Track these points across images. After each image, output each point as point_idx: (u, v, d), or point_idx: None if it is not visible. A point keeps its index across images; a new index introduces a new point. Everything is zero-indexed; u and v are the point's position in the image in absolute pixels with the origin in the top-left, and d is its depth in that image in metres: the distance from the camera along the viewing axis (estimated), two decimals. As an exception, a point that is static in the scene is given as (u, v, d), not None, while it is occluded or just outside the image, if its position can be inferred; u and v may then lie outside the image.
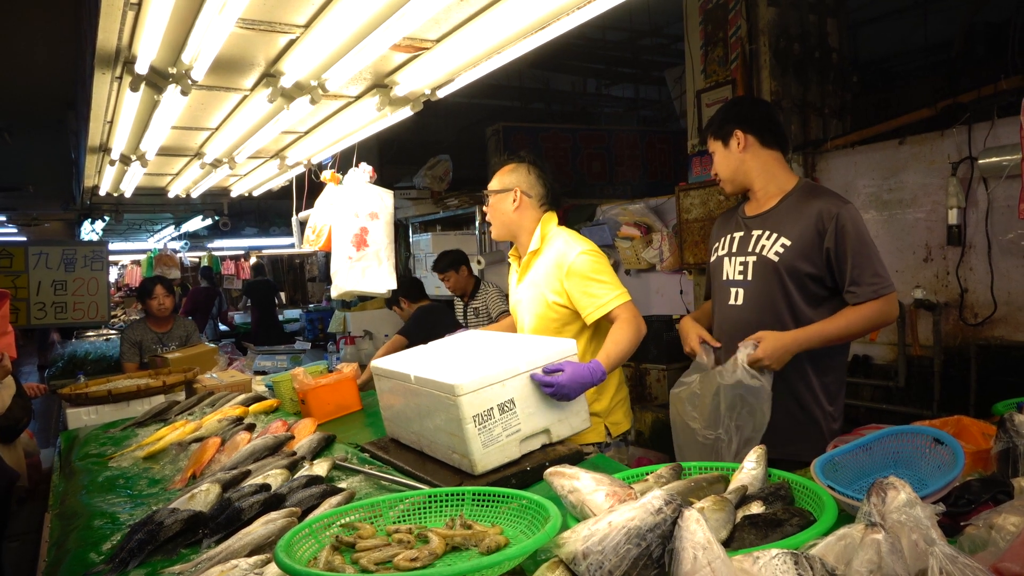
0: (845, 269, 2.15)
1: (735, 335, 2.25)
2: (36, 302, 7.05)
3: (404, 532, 1.48)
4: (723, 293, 2.40)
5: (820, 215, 2.18)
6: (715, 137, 2.38)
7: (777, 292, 2.24)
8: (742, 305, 2.32)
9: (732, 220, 2.47)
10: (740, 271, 2.34)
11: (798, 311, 2.22)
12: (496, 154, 8.36)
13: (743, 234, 2.36)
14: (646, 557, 1.17)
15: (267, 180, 5.31)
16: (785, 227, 2.25)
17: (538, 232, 2.65)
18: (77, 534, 1.96)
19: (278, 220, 13.19)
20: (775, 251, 2.24)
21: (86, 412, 3.52)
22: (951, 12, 5.95)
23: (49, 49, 5.18)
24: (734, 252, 2.37)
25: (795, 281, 2.21)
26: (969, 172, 3.70)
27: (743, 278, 2.33)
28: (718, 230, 2.53)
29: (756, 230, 2.32)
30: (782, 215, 2.28)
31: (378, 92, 3.07)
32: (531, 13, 2.23)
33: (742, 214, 2.42)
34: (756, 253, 2.29)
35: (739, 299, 2.33)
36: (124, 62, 2.54)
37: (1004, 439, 1.61)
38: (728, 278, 2.38)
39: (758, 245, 2.29)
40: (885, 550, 1.10)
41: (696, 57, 4.87)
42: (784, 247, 2.23)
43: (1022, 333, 3.59)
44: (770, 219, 2.30)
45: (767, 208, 2.33)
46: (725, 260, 2.40)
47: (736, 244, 2.38)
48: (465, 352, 2.27)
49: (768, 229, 2.29)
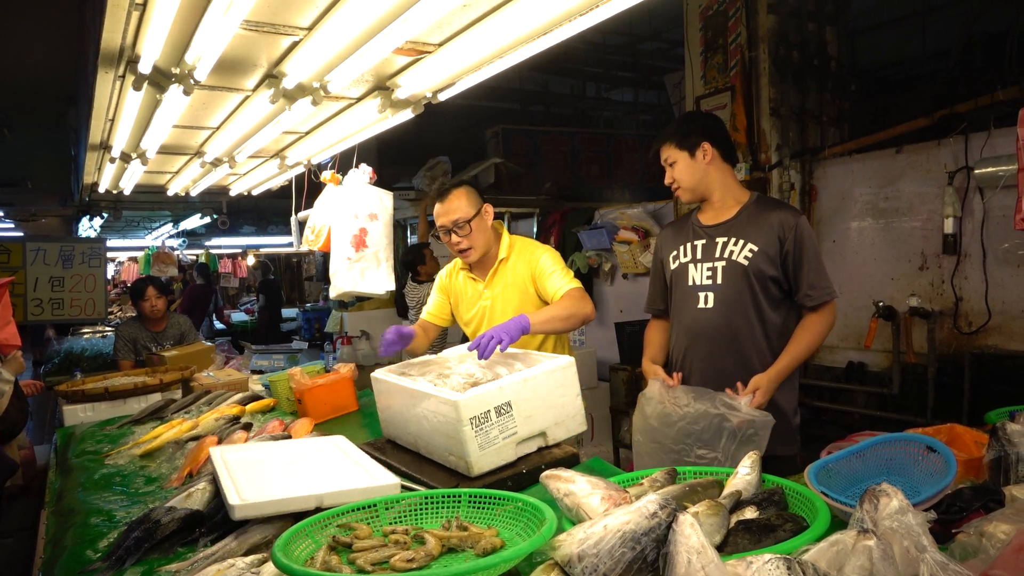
0: (801, 274, 2.36)
1: (705, 336, 2.46)
2: (33, 298, 7.04)
3: (400, 533, 1.49)
4: (689, 298, 2.51)
5: (781, 224, 2.37)
6: (680, 147, 2.47)
7: (746, 294, 2.39)
8: (712, 308, 2.44)
9: (685, 230, 2.59)
10: (708, 276, 2.46)
11: (763, 311, 2.40)
12: (495, 156, 8.38)
13: (705, 242, 2.49)
14: (641, 561, 1.18)
15: (267, 180, 5.32)
16: (750, 234, 2.41)
17: (505, 241, 2.86)
18: (74, 531, 1.96)
19: (276, 219, 13.18)
20: (744, 255, 2.39)
21: (82, 409, 3.52)
22: (949, 22, 5.97)
23: (49, 45, 5.18)
24: (699, 258, 2.49)
25: (760, 284, 2.38)
26: (965, 182, 3.72)
27: (712, 282, 2.45)
28: (669, 241, 2.63)
29: (720, 237, 2.46)
30: (744, 224, 2.44)
31: (379, 94, 3.08)
32: (533, 19, 2.25)
33: (697, 223, 2.55)
34: (725, 258, 2.43)
35: (709, 302, 2.45)
36: (127, 61, 2.55)
37: (996, 448, 1.63)
38: (695, 283, 2.49)
39: (726, 251, 2.43)
40: (877, 556, 1.11)
41: (696, 63, 4.89)
42: (752, 252, 2.39)
43: (1016, 342, 3.61)
44: (733, 227, 2.45)
45: (727, 218, 2.48)
46: (691, 266, 2.51)
47: (700, 251, 2.50)
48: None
49: (734, 236, 2.43)
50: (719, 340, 2.43)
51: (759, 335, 2.40)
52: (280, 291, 11.41)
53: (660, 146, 2.53)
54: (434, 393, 1.99)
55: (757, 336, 2.40)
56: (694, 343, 2.49)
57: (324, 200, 3.84)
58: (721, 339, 2.42)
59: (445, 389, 1.99)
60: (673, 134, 2.49)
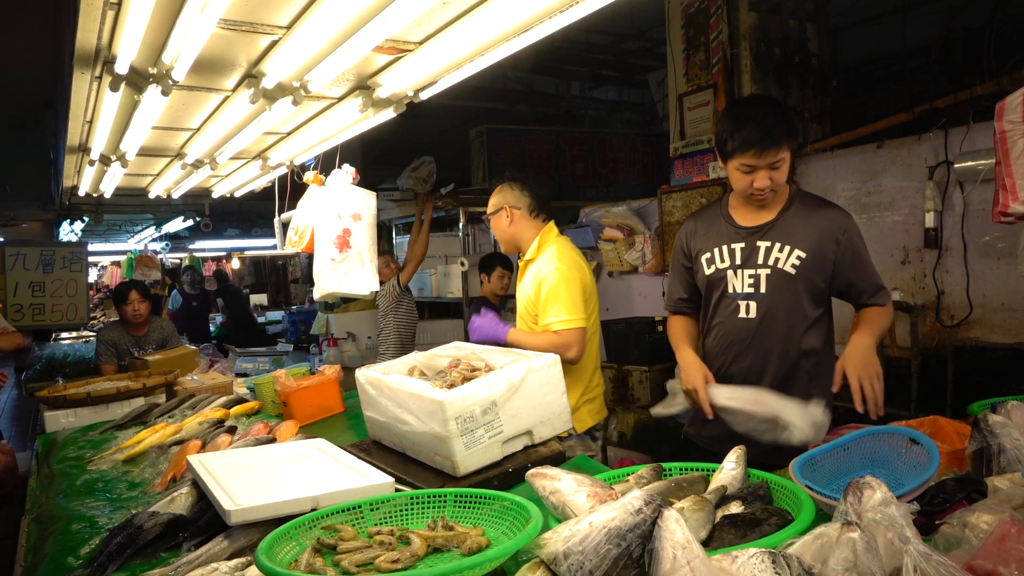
0: (863, 278, 2.24)
1: (747, 346, 2.29)
2: (13, 304, 6.95)
3: (386, 534, 1.48)
4: (728, 306, 2.33)
5: (833, 227, 2.22)
6: (789, 145, 2.16)
7: (793, 303, 2.25)
8: (756, 318, 2.28)
9: (718, 228, 2.36)
10: (750, 284, 2.28)
11: (807, 317, 2.27)
12: (479, 156, 8.36)
13: (744, 245, 2.29)
14: (626, 557, 1.18)
15: (249, 181, 5.28)
16: (795, 239, 2.23)
17: (536, 242, 2.92)
18: (55, 538, 1.93)
19: (260, 221, 13.09)
20: (791, 264, 2.22)
21: (64, 415, 3.47)
22: (929, 18, 6.03)
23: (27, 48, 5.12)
24: (739, 264, 2.30)
25: (808, 292, 2.25)
26: (946, 176, 3.75)
27: (754, 290, 2.28)
28: (700, 237, 2.40)
29: (762, 241, 2.27)
30: (788, 226, 2.25)
31: (361, 93, 3.07)
32: (514, 16, 2.24)
33: (730, 221, 2.33)
34: (770, 266, 2.25)
35: (751, 312, 2.28)
36: (104, 62, 2.52)
37: (978, 439, 1.64)
38: (735, 291, 2.31)
39: (770, 257, 2.25)
40: (861, 548, 1.11)
41: (678, 61, 4.91)
42: (800, 259, 2.22)
43: (997, 334, 3.65)
44: (776, 230, 2.26)
45: (768, 219, 2.28)
46: (730, 273, 2.31)
47: (739, 256, 2.30)
48: None
49: (778, 241, 2.25)
50: (760, 351, 2.28)
51: (800, 342, 2.26)
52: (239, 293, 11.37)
53: (780, 145, 2.13)
54: (419, 393, 1.98)
55: (798, 343, 2.26)
56: (733, 353, 2.32)
57: (307, 201, 3.82)
58: (762, 349, 2.27)
59: (430, 388, 1.98)
60: (790, 130, 2.16)
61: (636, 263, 5.55)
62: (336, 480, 1.86)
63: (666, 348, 5.12)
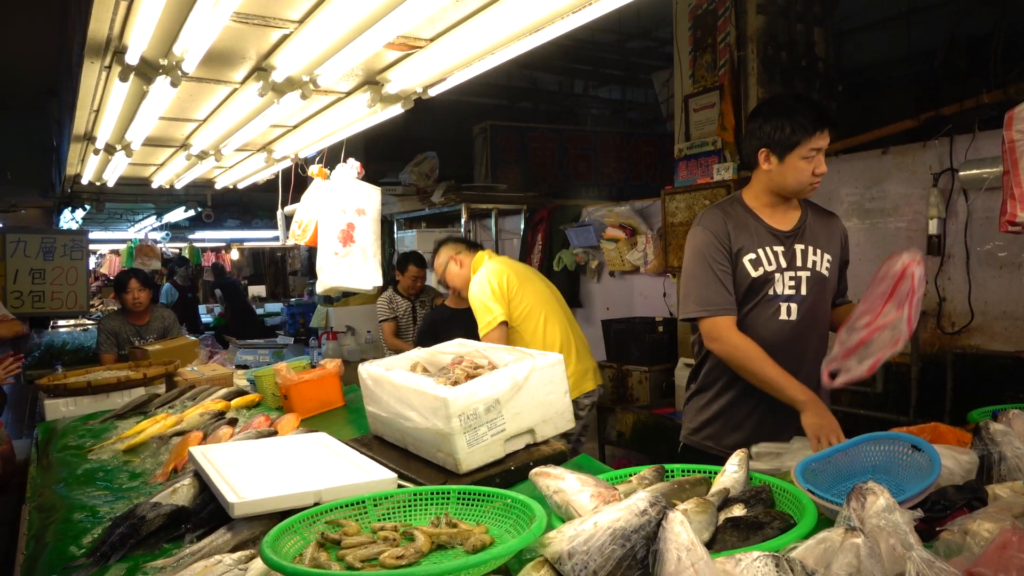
0: (843, 278, 2.45)
1: (785, 348, 2.27)
2: (13, 291, 6.94)
3: (389, 530, 1.48)
4: (769, 308, 2.31)
5: (839, 231, 2.44)
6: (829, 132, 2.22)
7: (825, 304, 2.38)
8: (795, 320, 2.30)
9: (752, 229, 2.31)
10: (791, 286, 2.30)
11: (827, 319, 2.42)
12: (483, 152, 8.36)
13: (783, 248, 2.31)
14: (631, 558, 1.19)
15: (253, 173, 5.28)
16: (822, 242, 2.36)
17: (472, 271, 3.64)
18: (56, 527, 1.94)
19: (261, 213, 13.06)
20: (826, 266, 2.34)
21: (64, 403, 3.48)
22: (934, 23, 6.03)
23: (31, 35, 5.11)
24: (784, 267, 2.30)
25: (831, 291, 2.40)
26: (950, 183, 3.76)
27: (795, 292, 2.30)
28: (741, 238, 2.31)
29: (797, 244, 2.32)
30: (813, 230, 2.37)
31: (369, 89, 3.06)
32: (525, 16, 2.24)
33: (761, 223, 2.32)
34: (809, 268, 2.31)
35: (792, 314, 2.30)
36: (114, 52, 2.52)
37: (979, 447, 1.65)
38: (777, 293, 2.30)
39: (808, 260, 2.32)
40: (864, 554, 1.12)
41: (684, 62, 4.90)
42: (830, 262, 2.35)
43: (998, 342, 3.66)
44: (806, 234, 2.35)
45: (794, 223, 2.35)
46: (776, 275, 2.30)
47: (781, 258, 2.31)
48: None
49: (810, 244, 2.33)
50: (795, 352, 2.28)
51: (827, 341, 2.36)
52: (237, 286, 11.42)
53: (825, 129, 2.19)
54: (423, 389, 1.99)
55: (826, 343, 2.36)
56: (776, 354, 2.24)
57: (311, 194, 3.82)
58: (798, 350, 2.29)
59: (434, 385, 1.99)
60: (827, 115, 2.21)
61: (638, 263, 5.56)
62: (339, 475, 1.87)
63: (666, 348, 5.12)
